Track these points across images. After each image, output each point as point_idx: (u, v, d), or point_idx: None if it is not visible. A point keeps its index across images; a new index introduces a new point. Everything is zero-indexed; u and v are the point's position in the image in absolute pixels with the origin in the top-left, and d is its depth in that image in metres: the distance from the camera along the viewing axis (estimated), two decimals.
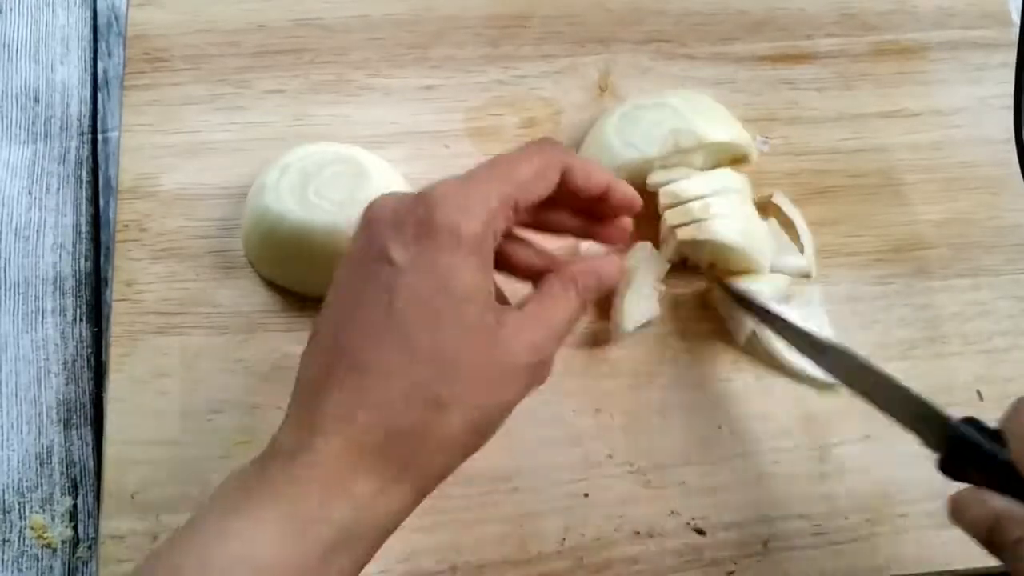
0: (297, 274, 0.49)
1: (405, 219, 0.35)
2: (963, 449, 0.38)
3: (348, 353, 0.35)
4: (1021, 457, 0.36)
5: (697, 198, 0.49)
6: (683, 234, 0.49)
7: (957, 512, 0.37)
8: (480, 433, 0.36)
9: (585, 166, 0.39)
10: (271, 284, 0.50)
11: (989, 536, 0.36)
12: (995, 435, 0.37)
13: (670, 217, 0.50)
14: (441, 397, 0.34)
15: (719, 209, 0.49)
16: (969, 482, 0.37)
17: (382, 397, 0.34)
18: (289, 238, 0.47)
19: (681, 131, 0.50)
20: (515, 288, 0.40)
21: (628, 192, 0.41)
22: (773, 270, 0.51)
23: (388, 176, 0.50)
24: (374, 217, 0.37)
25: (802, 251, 0.52)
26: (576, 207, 0.41)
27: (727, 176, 0.51)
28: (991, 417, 0.50)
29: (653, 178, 0.51)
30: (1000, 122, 0.57)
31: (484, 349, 0.35)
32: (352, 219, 0.44)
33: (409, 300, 0.34)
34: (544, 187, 0.38)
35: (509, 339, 0.36)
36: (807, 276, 0.52)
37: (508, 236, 0.39)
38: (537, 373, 0.38)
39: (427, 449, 0.35)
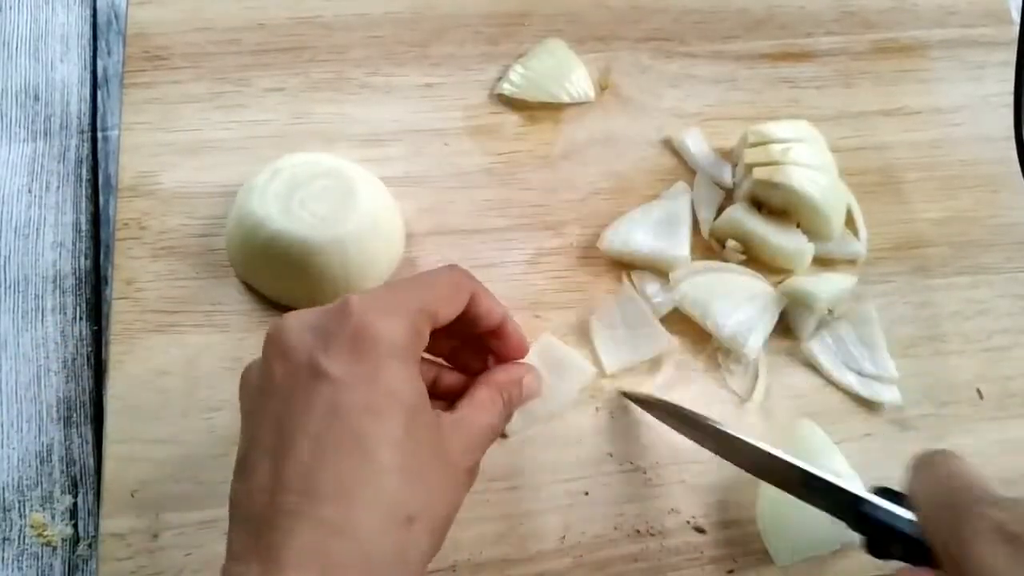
0: (269, 281, 0.49)
1: (330, 329, 0.34)
2: (880, 530, 0.37)
3: (297, 481, 0.32)
4: (927, 526, 0.35)
5: (780, 141, 0.50)
6: (758, 173, 0.50)
7: None
8: (438, 542, 0.35)
9: (488, 297, 0.40)
10: None
11: None
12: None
13: (749, 155, 0.51)
14: (411, 512, 0.33)
15: (799, 156, 0.49)
16: (896, 558, 0.37)
17: (353, 523, 0.32)
18: (266, 243, 0.47)
19: None
20: None
21: (519, 334, 0.42)
22: (826, 254, 0.52)
23: (377, 200, 0.49)
24: (285, 333, 0.35)
25: (857, 235, 0.53)
26: (475, 344, 0.42)
27: (813, 131, 0.52)
28: (990, 416, 0.50)
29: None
30: (1000, 120, 0.57)
31: (435, 455, 0.35)
32: (330, 236, 0.44)
33: (359, 414, 0.33)
34: (456, 306, 0.38)
35: (450, 443, 0.36)
36: (854, 262, 0.53)
37: (430, 363, 0.41)
38: (473, 475, 0.38)
39: (407, 570, 0.33)
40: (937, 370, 0.51)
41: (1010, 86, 0.50)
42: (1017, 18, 0.60)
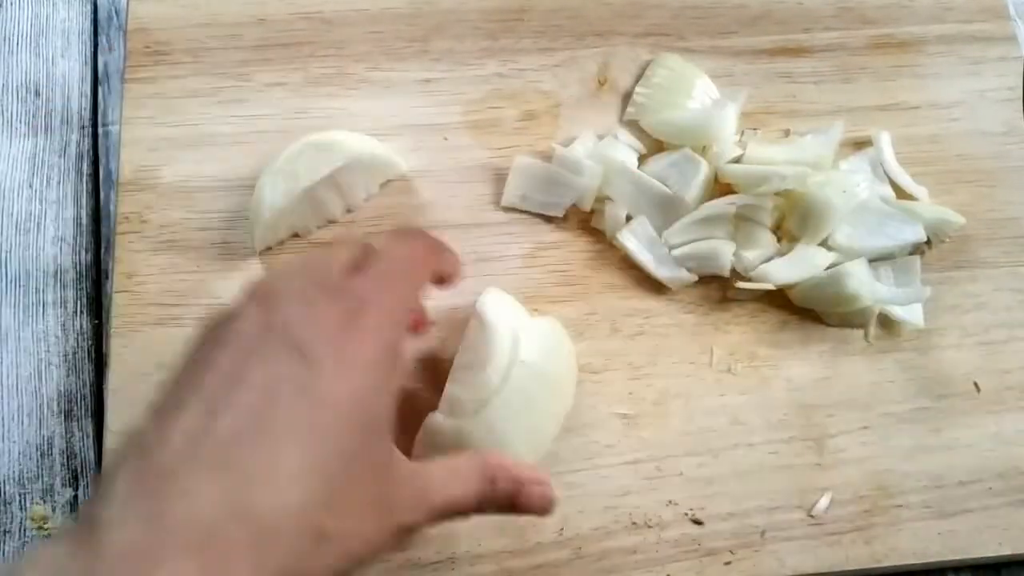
0: None
1: (322, 301, 0.31)
2: None
3: (226, 444, 0.28)
4: None
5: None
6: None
7: None
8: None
9: (451, 265, 0.39)
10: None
11: None
12: None
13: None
14: (326, 529, 0.28)
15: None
16: None
17: (265, 515, 0.27)
18: None
19: None
20: None
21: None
22: (884, 254, 0.52)
23: None
24: (271, 290, 0.32)
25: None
26: None
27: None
28: (987, 409, 0.50)
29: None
30: (997, 115, 0.57)
31: (377, 492, 0.31)
32: None
33: (324, 405, 0.29)
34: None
35: (398, 489, 0.32)
36: (922, 252, 0.53)
37: None
38: (404, 538, 0.33)
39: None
40: (934, 363, 0.51)
41: (1007, 81, 0.50)
42: (1014, 14, 0.61)
